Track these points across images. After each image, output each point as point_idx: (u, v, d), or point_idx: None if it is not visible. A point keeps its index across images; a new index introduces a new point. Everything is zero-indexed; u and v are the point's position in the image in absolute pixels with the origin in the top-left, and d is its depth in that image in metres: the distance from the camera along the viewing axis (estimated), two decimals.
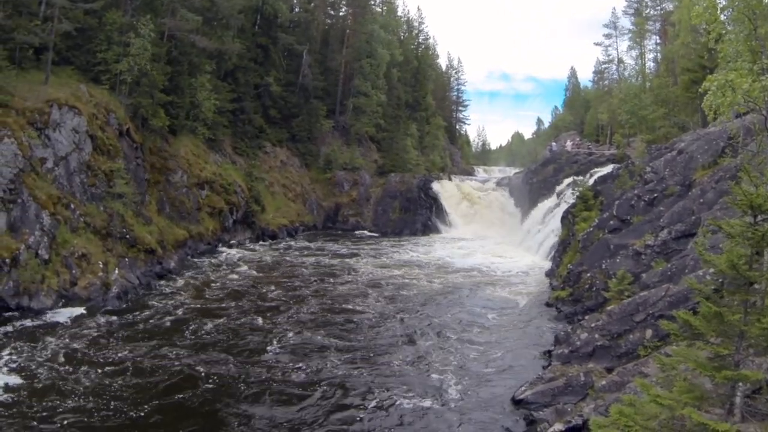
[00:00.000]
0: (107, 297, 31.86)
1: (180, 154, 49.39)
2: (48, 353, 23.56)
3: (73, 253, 32.69)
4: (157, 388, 20.49)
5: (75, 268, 32.24)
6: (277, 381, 21.32)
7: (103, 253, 34.33)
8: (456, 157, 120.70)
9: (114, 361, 22.88)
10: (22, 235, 31.09)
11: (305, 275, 40.33)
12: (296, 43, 69.28)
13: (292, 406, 19.43)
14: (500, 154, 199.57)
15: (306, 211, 66.62)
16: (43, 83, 37.00)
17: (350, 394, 20.76)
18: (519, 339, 27.46)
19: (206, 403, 19.37)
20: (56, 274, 31.34)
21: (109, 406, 18.82)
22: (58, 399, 19.29)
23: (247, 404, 19.39)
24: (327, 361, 23.60)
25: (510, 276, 42.15)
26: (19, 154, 32.49)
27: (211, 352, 24.15)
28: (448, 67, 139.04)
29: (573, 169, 62.04)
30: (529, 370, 23.13)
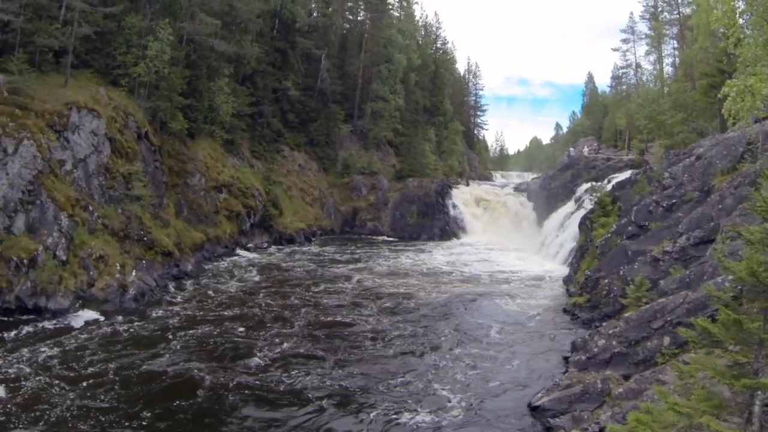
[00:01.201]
0: (124, 298, 31.91)
1: (198, 157, 49.48)
2: (61, 355, 23.56)
3: (91, 255, 32.75)
4: (163, 392, 20.36)
5: (92, 269, 32.30)
6: (281, 390, 20.93)
7: (120, 255, 34.36)
8: (474, 162, 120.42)
9: (125, 364, 22.78)
10: (40, 236, 31.23)
11: (321, 280, 40.12)
12: (314, 47, 69.26)
13: (299, 417, 19.07)
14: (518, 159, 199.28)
15: (324, 215, 66.53)
16: (63, 86, 37.12)
17: (362, 401, 20.60)
18: (536, 345, 27.21)
19: (208, 410, 19.14)
20: (74, 275, 31.41)
21: (117, 409, 18.79)
22: (68, 400, 19.28)
23: (245, 413, 19.11)
24: (337, 367, 23.43)
25: (527, 282, 41.79)
26: (38, 155, 32.65)
27: (220, 358, 23.96)
28: (466, 71, 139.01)
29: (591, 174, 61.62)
30: (546, 376, 22.90)
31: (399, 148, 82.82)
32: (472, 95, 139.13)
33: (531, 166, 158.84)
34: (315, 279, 40.35)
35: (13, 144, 31.98)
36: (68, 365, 22.37)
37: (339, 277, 41.43)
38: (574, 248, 43.82)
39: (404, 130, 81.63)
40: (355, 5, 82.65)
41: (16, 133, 32.34)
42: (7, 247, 30.07)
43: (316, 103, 70.42)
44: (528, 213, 68.41)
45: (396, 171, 77.51)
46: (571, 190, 59.53)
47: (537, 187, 71.51)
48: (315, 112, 70.39)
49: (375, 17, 79.04)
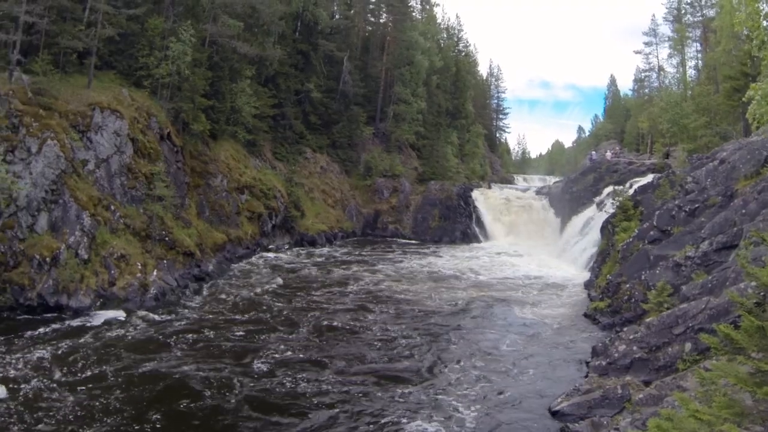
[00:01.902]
0: (145, 298, 31.96)
1: (220, 158, 49.59)
2: (76, 353, 23.58)
3: (112, 254, 32.88)
4: (172, 394, 20.19)
5: (114, 268, 32.41)
6: (287, 397, 20.51)
7: (141, 254, 34.47)
8: (496, 165, 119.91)
9: (136, 364, 22.71)
10: (63, 235, 31.45)
11: (338, 283, 39.82)
12: (336, 49, 69.19)
13: (304, 424, 18.68)
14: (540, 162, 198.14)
15: (345, 217, 66.39)
16: (86, 87, 37.40)
17: (378, 404, 20.39)
18: (556, 349, 26.85)
19: (214, 413, 18.91)
20: (95, 273, 31.57)
21: (121, 410, 18.70)
22: (76, 399, 19.31)
23: (250, 418, 18.80)
24: (348, 374, 23.10)
25: (548, 286, 41.34)
26: (61, 155, 32.89)
27: (230, 361, 23.69)
28: (489, 74, 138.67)
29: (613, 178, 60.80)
30: (566, 381, 22.51)
31: (421, 150, 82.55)
32: (494, 98, 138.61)
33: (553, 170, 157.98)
34: (332, 282, 40.08)
35: (36, 144, 32.28)
36: (81, 364, 22.39)
37: (357, 280, 41.13)
38: (596, 253, 43.33)
39: (426, 132, 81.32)
40: (377, 8, 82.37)
41: (40, 133, 32.65)
42: (30, 246, 30.37)
43: (339, 105, 70.34)
44: (549, 217, 67.83)
45: (418, 174, 77.28)
46: (593, 194, 58.82)
47: (559, 191, 70.82)
48: (337, 114, 70.33)
49: (397, 20, 78.76)
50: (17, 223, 30.56)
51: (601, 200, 52.60)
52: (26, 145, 32.06)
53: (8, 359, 22.57)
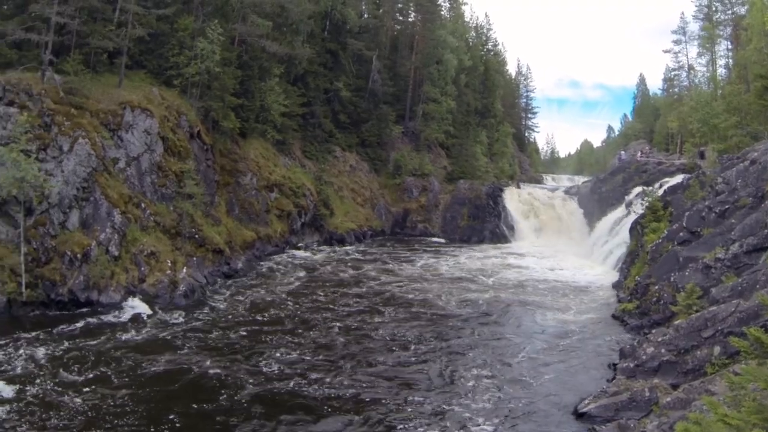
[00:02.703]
0: (174, 294, 32.08)
1: (250, 156, 49.67)
2: (100, 349, 23.80)
3: (143, 251, 33.10)
4: (190, 391, 20.32)
5: (144, 265, 32.60)
6: (304, 399, 20.30)
7: (171, 251, 34.64)
8: (525, 164, 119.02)
9: (157, 361, 22.84)
10: (94, 232, 31.70)
11: (364, 283, 39.54)
12: (365, 48, 68.98)
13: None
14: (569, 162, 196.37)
15: (374, 216, 66.17)
16: (117, 86, 37.66)
17: (397, 401, 20.26)
18: (583, 351, 26.53)
19: (226, 412, 18.88)
20: (125, 270, 31.82)
21: (144, 407, 18.83)
22: (99, 394, 19.48)
23: (263, 419, 18.66)
24: (369, 377, 22.80)
25: (576, 286, 40.83)
26: (92, 154, 33.12)
27: (249, 360, 23.61)
28: (517, 73, 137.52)
29: (642, 178, 59.91)
30: (593, 382, 22.30)
31: (450, 150, 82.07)
32: (523, 97, 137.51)
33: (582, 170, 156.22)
34: (356, 281, 39.81)
35: (68, 142, 32.55)
36: (103, 360, 22.56)
37: (381, 280, 40.76)
38: (625, 253, 42.78)
39: (455, 132, 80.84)
40: (405, 6, 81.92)
41: (72, 132, 32.92)
42: (62, 242, 30.65)
43: (368, 104, 70.16)
44: (578, 217, 66.99)
45: (447, 173, 76.86)
46: (622, 195, 58.00)
47: (587, 191, 69.99)
48: (366, 113, 70.15)
49: (425, 18, 78.31)
50: (49, 220, 30.84)
51: (630, 201, 51.85)
52: (58, 144, 32.35)
53: (32, 354, 22.81)
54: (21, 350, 23.17)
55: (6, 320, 26.81)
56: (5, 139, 30.50)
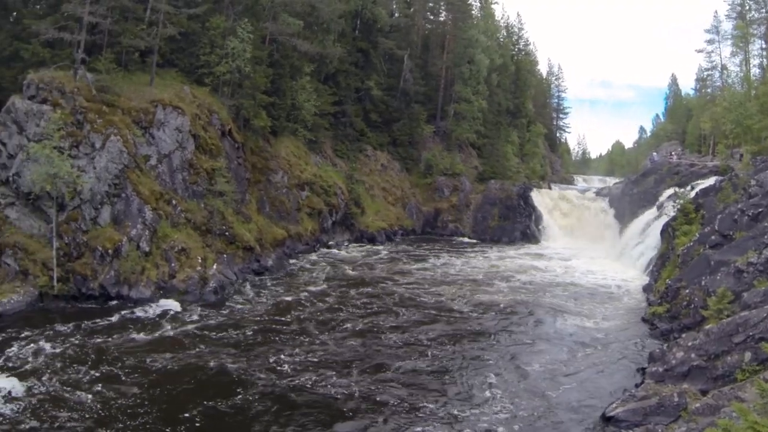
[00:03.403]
0: (204, 291, 32.00)
1: (281, 154, 49.58)
2: (125, 344, 23.86)
3: (173, 247, 33.09)
4: (208, 389, 20.19)
5: (174, 261, 32.56)
6: (325, 399, 20.03)
7: (202, 248, 34.56)
8: (556, 165, 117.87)
9: (179, 357, 22.82)
10: (125, 228, 31.82)
11: (390, 282, 39.05)
12: (396, 47, 68.64)
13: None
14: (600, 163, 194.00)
15: (405, 215, 65.76)
16: (148, 84, 37.81)
17: (414, 405, 19.83)
18: (612, 354, 26.08)
19: (242, 411, 18.76)
20: (156, 266, 31.83)
21: (161, 402, 18.83)
22: (119, 390, 19.51)
23: (280, 418, 18.49)
24: (387, 380, 22.19)
25: (606, 289, 40.09)
26: (124, 151, 33.27)
27: (270, 358, 23.36)
28: (549, 73, 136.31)
29: (674, 180, 58.63)
30: (621, 386, 21.91)
31: (481, 149, 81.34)
32: (554, 97, 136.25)
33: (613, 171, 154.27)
34: (384, 281, 39.14)
35: (100, 139, 32.74)
36: (125, 355, 22.58)
37: (408, 280, 40.05)
38: (655, 256, 41.87)
39: (487, 131, 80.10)
40: (436, 5, 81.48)
41: (104, 129, 33.10)
42: (93, 237, 30.86)
43: (399, 103, 69.79)
44: (609, 219, 65.85)
45: (478, 173, 76.20)
46: (653, 196, 56.89)
47: (619, 193, 68.74)
48: (398, 112, 69.78)
49: (456, 18, 77.68)
50: (81, 216, 31.05)
51: (662, 203, 50.90)
52: (90, 141, 32.57)
53: (58, 347, 22.93)
54: (49, 343, 23.31)
55: (37, 313, 27.08)
56: (39, 136, 30.88)
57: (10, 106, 31.94)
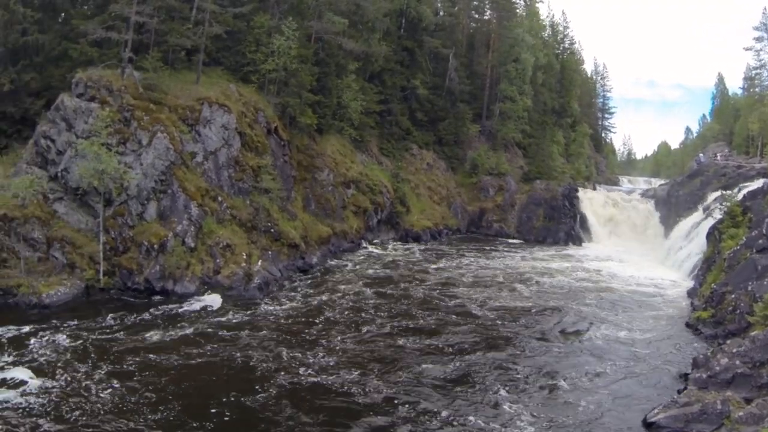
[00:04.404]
0: (248, 287, 31.64)
1: (327, 152, 49.10)
2: (164, 339, 23.77)
3: (218, 243, 32.84)
4: (236, 384, 20.04)
5: (219, 257, 32.28)
6: (356, 400, 19.58)
7: (247, 244, 34.27)
8: (601, 165, 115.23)
9: (214, 352, 22.72)
10: (171, 224, 31.68)
11: (430, 281, 38.08)
12: (442, 46, 67.50)
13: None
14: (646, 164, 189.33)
15: (450, 214, 64.69)
16: (195, 82, 37.71)
17: (447, 409, 19.15)
18: (655, 359, 25.21)
19: (270, 409, 18.55)
20: (201, 261, 31.63)
21: (188, 396, 18.88)
22: (149, 382, 19.58)
23: (303, 416, 18.18)
24: (418, 383, 21.42)
25: (650, 292, 38.78)
26: (170, 147, 33.16)
27: (307, 356, 23.02)
28: (594, 72, 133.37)
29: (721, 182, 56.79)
30: (664, 392, 21.30)
31: (527, 149, 79.80)
32: (600, 97, 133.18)
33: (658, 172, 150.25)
34: (425, 282, 38.02)
35: (147, 136, 32.69)
36: (160, 348, 22.57)
37: (448, 280, 38.93)
38: (701, 260, 40.51)
39: (532, 131, 78.58)
40: (481, 4, 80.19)
41: (151, 126, 33.07)
42: (139, 233, 30.88)
43: (445, 102, 68.68)
44: (654, 221, 64.13)
45: (523, 173, 74.63)
46: (699, 199, 55.18)
47: (664, 194, 66.85)
48: (443, 111, 68.67)
49: (501, 16, 76.43)
50: (127, 211, 31.08)
51: (708, 205, 49.26)
52: (137, 138, 32.56)
53: (99, 338, 23.16)
54: (92, 334, 23.50)
55: (83, 305, 27.31)
56: (87, 133, 31.02)
57: (59, 104, 32.21)
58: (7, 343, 22.11)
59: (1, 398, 17.68)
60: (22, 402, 17.56)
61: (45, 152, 31.63)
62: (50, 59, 36.60)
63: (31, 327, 23.79)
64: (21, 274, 27.53)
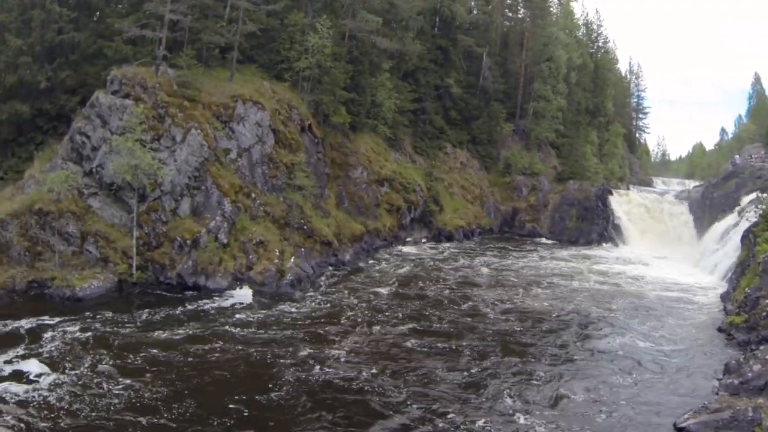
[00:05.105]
0: (281, 283, 31.28)
1: (360, 150, 48.54)
2: (191, 334, 23.57)
3: (251, 240, 32.55)
4: (257, 382, 19.77)
5: (252, 253, 31.98)
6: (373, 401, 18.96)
7: (280, 241, 33.93)
8: (635, 166, 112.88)
9: (238, 349, 22.39)
10: (204, 220, 31.50)
11: (460, 282, 36.88)
12: (475, 45, 66.37)
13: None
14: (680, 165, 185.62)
15: (483, 213, 63.68)
16: (228, 80, 37.47)
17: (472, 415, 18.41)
18: (686, 363, 24.23)
19: (282, 409, 18.10)
20: (233, 257, 31.38)
21: (207, 393, 18.66)
22: (171, 377, 19.45)
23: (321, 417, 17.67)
24: (449, 383, 20.76)
25: (682, 295, 37.44)
26: (204, 144, 32.95)
27: (329, 355, 22.57)
28: (628, 72, 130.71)
29: (756, 184, 55.10)
30: (694, 397, 20.52)
31: (560, 149, 78.39)
32: (634, 96, 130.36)
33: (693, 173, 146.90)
34: (455, 282, 36.91)
35: (181, 133, 32.55)
36: (192, 344, 22.37)
37: (479, 281, 37.73)
38: (734, 263, 39.01)
39: (566, 131, 76.98)
40: (515, 2, 78.71)
41: (185, 123, 32.92)
42: (173, 228, 30.73)
43: (478, 101, 67.59)
44: (688, 223, 62.48)
45: (557, 173, 73.27)
46: (734, 201, 53.62)
47: (698, 196, 65.17)
48: (477, 110, 67.61)
49: (534, 15, 75.16)
50: (161, 207, 30.92)
51: (743, 207, 47.74)
52: (171, 134, 32.44)
53: (128, 332, 23.10)
54: (121, 328, 23.55)
55: (116, 299, 27.34)
56: (121, 129, 30.99)
57: (94, 100, 32.26)
58: (38, 333, 22.27)
59: (21, 390, 17.69)
60: (35, 395, 17.49)
61: (80, 148, 31.60)
62: (85, 57, 36.75)
63: (63, 318, 23.95)
64: (55, 267, 27.71)
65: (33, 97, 35.37)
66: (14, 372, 18.87)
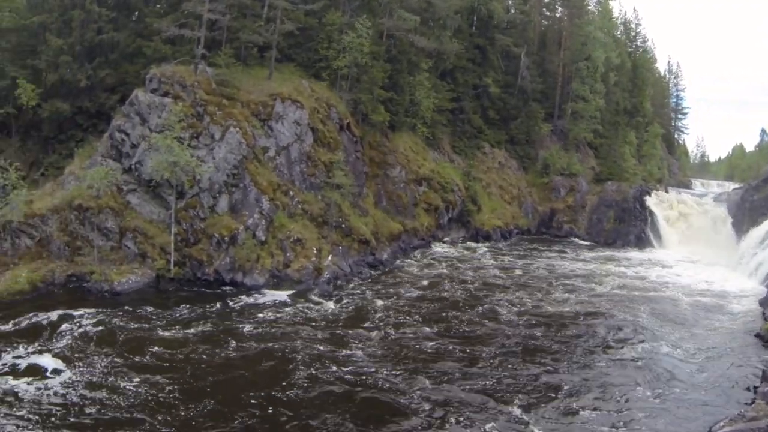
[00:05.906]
0: (318, 281, 30.80)
1: (399, 149, 47.77)
2: (226, 331, 23.36)
3: (289, 237, 32.10)
4: (279, 380, 19.42)
5: (289, 251, 31.49)
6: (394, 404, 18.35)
7: (317, 239, 33.39)
8: (673, 168, 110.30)
9: (268, 347, 22.06)
10: (242, 217, 31.15)
11: (494, 285, 35.61)
12: (513, 44, 65.15)
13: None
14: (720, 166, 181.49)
15: (521, 214, 62.43)
16: (267, 78, 37.09)
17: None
18: (722, 370, 23.22)
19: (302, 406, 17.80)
20: (271, 255, 30.96)
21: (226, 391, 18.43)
22: (202, 373, 19.43)
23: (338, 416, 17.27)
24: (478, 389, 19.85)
25: (720, 299, 35.94)
26: (243, 142, 32.58)
27: (355, 352, 22.16)
28: (667, 71, 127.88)
29: None
30: (730, 404, 19.92)
31: (598, 150, 76.57)
32: (673, 97, 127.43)
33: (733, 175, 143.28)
34: (487, 284, 35.69)
35: (220, 131, 32.21)
36: (221, 339, 22.37)
37: (513, 283, 36.39)
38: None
39: (604, 131, 75.17)
40: (552, 1, 77.32)
41: (223, 121, 32.58)
42: (211, 225, 30.45)
43: (517, 100, 66.31)
44: (727, 226, 60.38)
45: (595, 173, 71.56)
46: None
47: (738, 198, 62.94)
48: (515, 109, 66.32)
49: (572, 14, 73.57)
50: (199, 204, 30.63)
51: None
52: (210, 132, 32.10)
53: (164, 326, 23.11)
54: (158, 322, 23.59)
55: (153, 294, 27.38)
56: (160, 127, 30.86)
57: (133, 98, 32.17)
58: (75, 325, 22.54)
59: (41, 385, 17.74)
60: (57, 386, 17.69)
61: (119, 145, 31.49)
62: (125, 56, 37.03)
63: (100, 310, 24.21)
64: (94, 261, 27.81)
65: (73, 96, 35.67)
66: (53, 355, 19.53)
